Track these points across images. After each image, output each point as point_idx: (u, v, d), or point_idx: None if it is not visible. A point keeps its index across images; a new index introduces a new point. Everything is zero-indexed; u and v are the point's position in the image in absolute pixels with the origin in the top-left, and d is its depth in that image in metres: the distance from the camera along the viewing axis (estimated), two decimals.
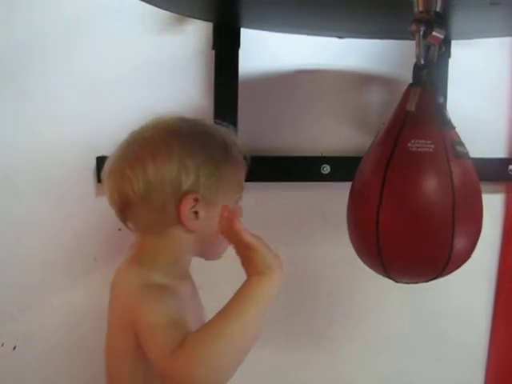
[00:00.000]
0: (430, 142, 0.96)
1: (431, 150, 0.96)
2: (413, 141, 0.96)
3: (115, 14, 1.29)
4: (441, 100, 1.01)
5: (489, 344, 1.60)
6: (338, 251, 1.43)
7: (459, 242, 0.95)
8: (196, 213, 0.94)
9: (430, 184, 0.95)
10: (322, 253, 1.46)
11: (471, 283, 1.53)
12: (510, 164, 1.50)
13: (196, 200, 0.93)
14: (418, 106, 0.99)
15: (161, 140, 0.94)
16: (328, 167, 1.38)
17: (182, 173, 0.92)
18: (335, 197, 1.41)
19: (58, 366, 1.35)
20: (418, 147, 0.96)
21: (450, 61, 1.40)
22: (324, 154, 1.41)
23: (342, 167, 1.38)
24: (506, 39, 1.49)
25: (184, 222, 0.93)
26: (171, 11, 1.22)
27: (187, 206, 0.93)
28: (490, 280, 1.58)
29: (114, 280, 1.00)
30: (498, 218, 1.55)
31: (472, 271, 1.52)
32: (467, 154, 1.01)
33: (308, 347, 1.49)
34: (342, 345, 1.51)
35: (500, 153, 1.54)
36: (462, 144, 1.01)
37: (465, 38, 1.33)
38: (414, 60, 1.38)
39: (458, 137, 1.02)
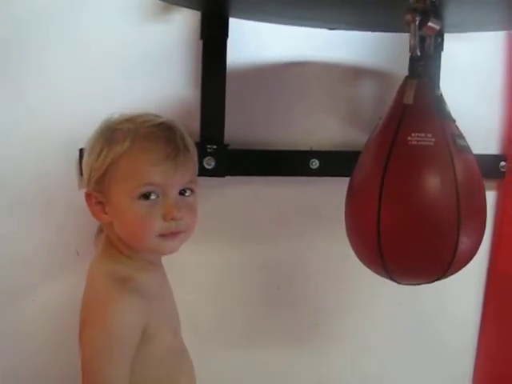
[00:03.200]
0: (430, 135, 0.94)
1: (432, 143, 0.94)
2: (413, 134, 0.95)
3: (101, 3, 1.26)
4: (439, 92, 1.00)
5: (477, 345, 1.60)
6: (328, 247, 1.43)
7: (464, 241, 0.93)
8: (104, 206, 0.98)
9: (433, 179, 0.94)
10: (311, 248, 1.46)
11: (461, 283, 1.50)
12: (501, 161, 1.50)
13: (94, 196, 0.98)
14: (416, 98, 0.97)
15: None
16: (317, 162, 1.37)
17: (84, 170, 1.00)
18: (324, 192, 1.41)
19: (40, 361, 1.32)
20: (418, 141, 0.94)
21: (443, 54, 1.38)
22: (313, 149, 1.39)
23: (331, 162, 1.38)
24: (499, 33, 1.48)
25: (94, 216, 1.00)
26: None
27: (90, 201, 0.99)
28: (479, 279, 1.58)
29: (88, 274, 1.04)
30: (489, 216, 1.53)
31: (462, 271, 1.51)
32: (469, 147, 0.99)
33: (297, 344, 1.49)
34: (331, 343, 1.51)
35: (492, 149, 1.53)
36: (462, 137, 0.99)
37: (458, 32, 1.32)
38: (406, 53, 1.36)
39: (459, 130, 1.00)
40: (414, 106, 0.97)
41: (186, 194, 1.00)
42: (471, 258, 0.99)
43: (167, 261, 1.07)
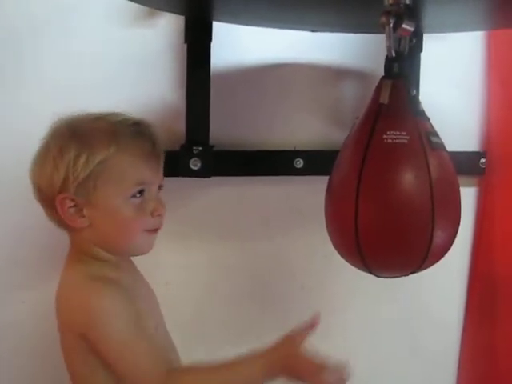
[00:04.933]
0: (404, 133, 0.96)
1: (406, 141, 0.96)
2: (388, 132, 0.97)
3: (85, 8, 1.27)
4: (413, 92, 1.02)
5: (461, 344, 1.61)
6: (313, 245, 1.44)
7: (438, 235, 0.96)
8: (81, 210, 0.95)
9: (408, 176, 0.96)
10: (297, 247, 1.46)
11: (444, 280, 1.53)
12: (482, 157, 1.51)
13: (72, 199, 0.94)
14: (391, 98, 0.99)
15: (43, 142, 0.97)
16: (301, 161, 1.38)
17: (54, 172, 0.94)
18: (309, 191, 1.42)
19: (31, 364, 1.33)
20: (393, 139, 0.96)
21: (422, 54, 1.40)
22: (297, 148, 1.40)
23: (316, 161, 1.39)
24: (479, 33, 1.50)
25: (67, 221, 0.96)
26: (142, 4, 1.21)
27: (64, 206, 0.94)
28: (461, 276, 1.59)
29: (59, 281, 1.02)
30: (470, 213, 1.55)
31: (444, 267, 1.53)
32: (442, 144, 1.01)
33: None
34: (316, 341, 1.51)
35: (472, 146, 1.55)
36: (436, 135, 1.01)
37: (437, 32, 1.34)
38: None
39: (433, 128, 1.02)
40: (390, 105, 0.99)
41: (160, 190, 1.03)
42: (446, 252, 1.01)
43: (152, 261, 1.07)
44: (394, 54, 0.98)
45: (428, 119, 1.02)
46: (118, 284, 0.96)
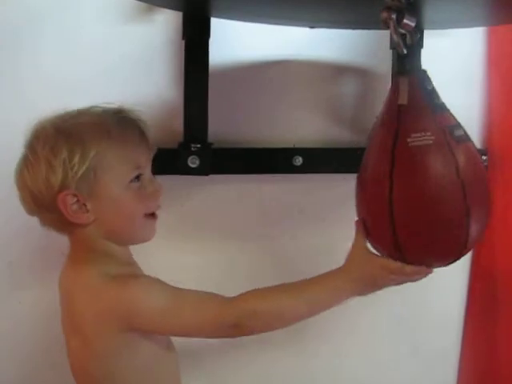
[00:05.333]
0: (429, 133, 0.95)
1: (431, 141, 0.95)
2: (412, 135, 0.95)
3: (83, 4, 1.27)
4: (430, 86, 1.00)
5: (461, 344, 1.60)
6: (313, 242, 1.43)
7: (473, 226, 0.96)
8: (84, 205, 0.95)
9: (437, 177, 0.95)
10: (296, 245, 1.46)
11: (445, 280, 1.52)
12: (483, 155, 1.50)
13: (74, 195, 0.94)
14: (410, 97, 0.97)
15: (27, 148, 0.97)
16: (300, 159, 1.37)
17: (50, 174, 0.93)
18: (308, 188, 1.42)
19: (27, 365, 1.33)
20: (417, 141, 0.95)
21: (423, 50, 1.38)
22: (296, 146, 1.40)
23: (315, 159, 1.39)
24: (479, 29, 1.49)
25: (71, 220, 0.95)
26: (140, 0, 1.20)
27: (67, 203, 0.94)
28: (463, 275, 1.59)
29: (64, 286, 1.03)
30: None
31: (445, 270, 1.52)
32: (466, 135, 0.99)
33: (281, 344, 1.48)
34: (314, 343, 1.51)
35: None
36: (459, 126, 0.99)
37: (437, 28, 1.33)
38: (387, 50, 1.39)
39: (454, 118, 1.00)
40: (409, 105, 0.97)
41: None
42: (480, 240, 1.03)
43: (150, 259, 1.07)
44: (404, 51, 0.96)
45: (448, 110, 1.00)
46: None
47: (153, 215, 1.02)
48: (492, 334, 1.55)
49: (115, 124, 0.98)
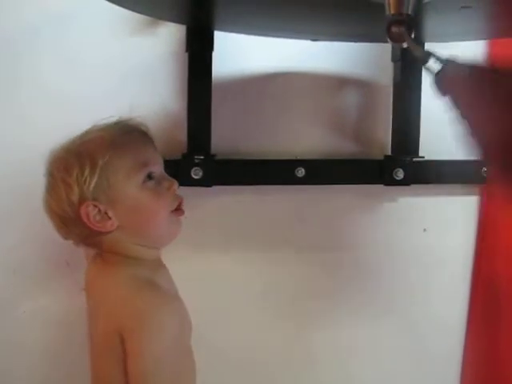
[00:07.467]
0: None
1: None
2: None
3: (86, 17, 1.28)
4: None
5: (463, 349, 1.60)
6: (314, 255, 1.43)
7: None
8: (106, 213, 0.98)
9: None
10: (298, 256, 1.45)
11: (447, 287, 1.53)
12: (484, 166, 1.50)
13: (94, 206, 0.97)
14: None
15: (46, 175, 1.01)
16: (303, 170, 1.37)
17: (69, 191, 0.97)
18: (310, 200, 1.42)
19: (32, 373, 1.33)
20: None
21: None
22: (299, 158, 1.40)
23: (317, 170, 1.38)
24: (481, 42, 1.49)
25: (97, 229, 0.98)
26: (144, 14, 1.21)
27: (89, 214, 0.97)
28: (465, 281, 1.58)
29: (93, 287, 1.04)
30: (473, 220, 1.55)
31: (447, 273, 1.53)
32: None
33: (284, 354, 1.48)
34: (316, 349, 1.51)
35: (474, 155, 1.54)
36: None
37: (439, 41, 1.33)
38: (389, 62, 1.40)
39: None
40: None
41: None
42: None
43: None
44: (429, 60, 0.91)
45: None
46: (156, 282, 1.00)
47: (178, 211, 1.04)
48: (493, 340, 1.56)
49: (118, 132, 1.02)
